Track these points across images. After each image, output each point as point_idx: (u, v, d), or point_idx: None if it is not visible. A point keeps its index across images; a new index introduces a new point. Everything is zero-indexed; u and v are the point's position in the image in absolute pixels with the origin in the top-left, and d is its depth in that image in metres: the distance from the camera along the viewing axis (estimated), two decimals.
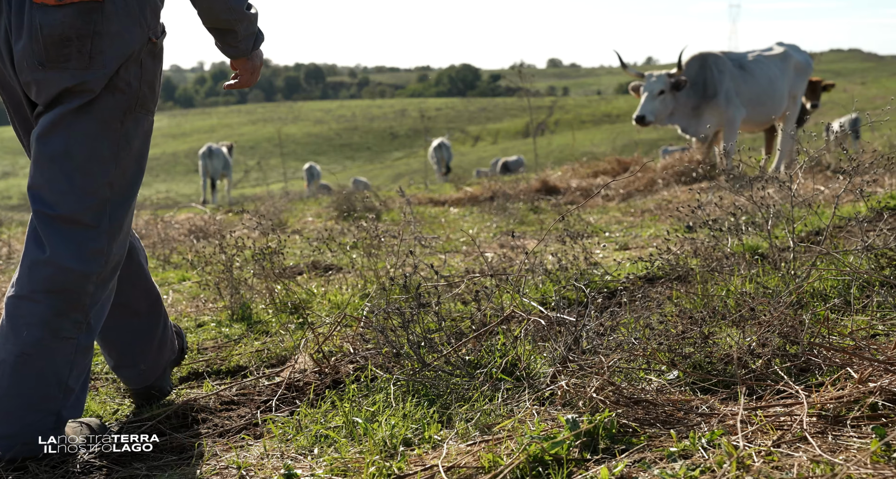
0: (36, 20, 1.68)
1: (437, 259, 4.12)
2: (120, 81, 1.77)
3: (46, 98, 1.75)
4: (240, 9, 1.85)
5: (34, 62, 1.71)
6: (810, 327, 1.83)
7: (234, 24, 1.86)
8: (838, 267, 2.50)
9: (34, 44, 1.70)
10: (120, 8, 1.74)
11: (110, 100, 1.77)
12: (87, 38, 1.71)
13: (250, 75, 2.00)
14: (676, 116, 7.59)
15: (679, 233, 4.43)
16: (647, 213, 5.81)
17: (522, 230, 5.31)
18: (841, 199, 5.02)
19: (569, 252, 3.64)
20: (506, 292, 2.58)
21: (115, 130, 1.78)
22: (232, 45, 1.92)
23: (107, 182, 1.79)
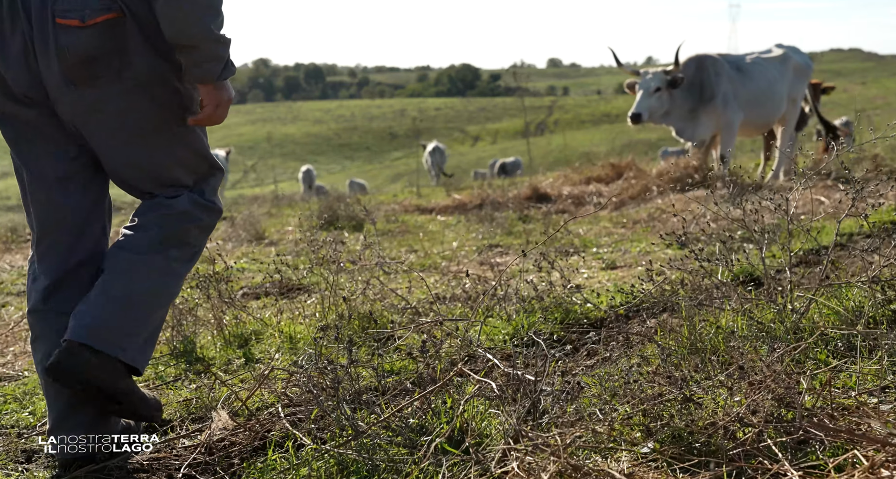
0: (61, 41, 1.69)
1: (408, 280, 3.86)
2: (164, 91, 1.79)
3: (84, 115, 1.74)
4: (206, 25, 1.72)
5: (62, 82, 1.71)
6: (809, 387, 1.57)
7: (200, 41, 1.73)
8: (841, 302, 2.24)
9: (62, 64, 1.70)
10: (142, 23, 1.73)
11: (159, 111, 1.79)
12: (115, 54, 1.71)
13: (215, 108, 1.83)
14: (672, 117, 7.33)
15: (671, 249, 4.17)
16: (640, 224, 5.55)
17: (507, 243, 5.05)
18: (842, 211, 4.76)
19: (548, 276, 3.38)
20: (465, 332, 2.32)
21: (167, 138, 1.82)
22: (194, 66, 1.76)
23: (192, 171, 1.89)
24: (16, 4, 1.71)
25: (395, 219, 6.94)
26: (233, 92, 1.87)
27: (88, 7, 1.69)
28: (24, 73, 1.73)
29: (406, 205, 7.63)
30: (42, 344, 1.82)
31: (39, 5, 1.70)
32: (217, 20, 1.74)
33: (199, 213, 1.90)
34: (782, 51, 7.84)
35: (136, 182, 1.88)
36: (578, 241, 4.91)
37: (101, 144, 1.81)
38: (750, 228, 3.94)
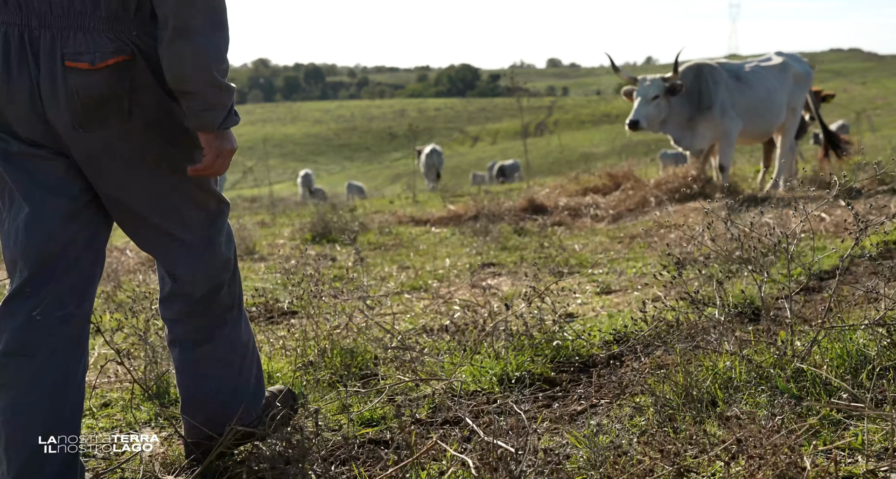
0: (71, 83, 1.67)
1: (399, 302, 3.75)
2: (176, 129, 1.77)
3: (93, 155, 1.73)
4: (209, 71, 1.67)
5: (71, 125, 1.69)
6: (813, 463, 1.46)
7: (203, 88, 1.68)
8: (845, 345, 2.13)
9: (71, 106, 1.68)
10: (152, 62, 1.71)
11: (171, 149, 1.77)
12: (125, 95, 1.70)
13: (215, 158, 1.76)
14: (669, 125, 7.21)
15: (669, 270, 4.06)
16: (637, 239, 5.43)
17: (501, 261, 4.93)
18: (844, 230, 4.65)
19: (540, 302, 3.27)
20: (451, 374, 2.20)
21: (184, 171, 1.80)
22: (196, 113, 1.72)
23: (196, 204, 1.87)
24: (24, 46, 1.69)
25: (389, 231, 6.82)
26: (235, 142, 1.80)
27: (99, 50, 1.67)
28: (29, 116, 1.71)
29: (401, 215, 7.52)
30: (8, 392, 1.72)
31: (48, 47, 1.68)
32: (221, 67, 1.70)
33: (221, 282, 1.93)
34: (782, 59, 7.72)
35: (145, 227, 1.84)
36: (574, 259, 4.79)
37: (111, 185, 1.78)
38: (748, 252, 3.83)
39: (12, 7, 1.69)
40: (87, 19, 1.67)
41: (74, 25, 1.67)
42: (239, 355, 1.96)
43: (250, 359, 2.00)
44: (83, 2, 1.67)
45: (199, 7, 1.65)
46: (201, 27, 1.65)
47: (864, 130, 35.93)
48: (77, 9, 1.67)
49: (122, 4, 1.69)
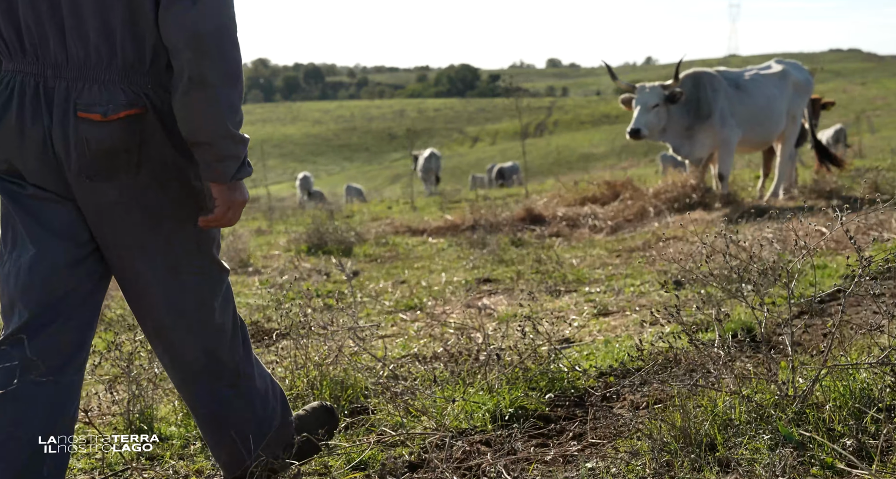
0: (83, 134, 1.67)
1: (392, 322, 3.69)
2: (179, 184, 1.76)
3: (100, 208, 1.73)
4: (223, 123, 1.68)
5: (80, 175, 1.70)
6: None
7: (216, 139, 1.68)
8: (848, 383, 2.07)
9: (81, 157, 1.68)
10: (164, 116, 1.72)
11: (177, 203, 1.77)
12: (135, 148, 1.70)
13: (226, 210, 1.76)
14: (669, 134, 7.15)
15: (667, 289, 4.00)
16: (636, 252, 5.37)
17: (498, 276, 4.87)
18: (844, 245, 4.58)
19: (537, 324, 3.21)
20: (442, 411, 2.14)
21: (190, 230, 1.80)
22: (208, 164, 1.71)
23: (196, 266, 1.85)
24: (38, 95, 1.70)
25: (386, 241, 6.76)
26: (247, 194, 1.79)
27: (112, 102, 1.68)
28: (41, 165, 1.72)
29: (397, 225, 7.45)
30: None
31: (62, 97, 1.69)
32: (235, 118, 1.70)
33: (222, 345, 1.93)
34: (782, 67, 7.66)
35: (140, 284, 1.82)
36: (571, 274, 4.73)
37: (114, 237, 1.77)
38: (747, 273, 3.76)
39: (30, 57, 1.70)
40: (102, 71, 1.68)
41: (89, 77, 1.68)
42: (258, 404, 1.96)
43: (271, 399, 1.99)
44: (99, 53, 1.68)
45: (215, 60, 1.65)
46: (216, 79, 1.65)
47: (864, 131, 35.83)
48: (93, 60, 1.68)
49: (138, 56, 1.70)
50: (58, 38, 1.68)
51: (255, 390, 1.95)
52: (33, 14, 1.67)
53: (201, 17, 1.63)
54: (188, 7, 1.63)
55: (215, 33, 1.64)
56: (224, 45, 1.65)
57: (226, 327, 1.91)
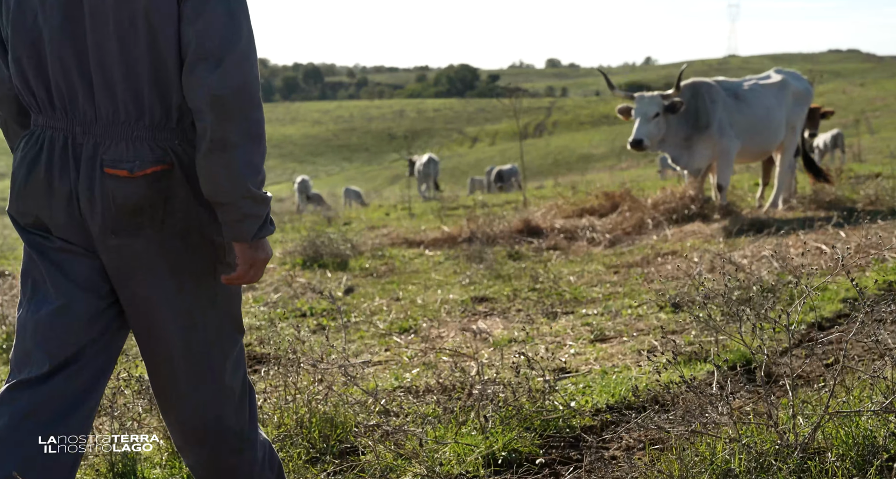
0: (108, 190, 1.69)
1: (382, 348, 3.63)
2: (200, 239, 1.76)
3: (122, 263, 1.74)
4: (244, 183, 1.68)
5: (104, 230, 1.71)
6: None
7: (237, 199, 1.69)
8: (851, 431, 2.01)
9: (107, 212, 1.70)
10: (189, 172, 1.73)
11: (196, 259, 1.77)
12: (160, 205, 1.71)
13: (248, 268, 1.76)
14: (667, 144, 7.10)
15: (665, 311, 3.95)
16: (634, 268, 5.32)
17: (494, 294, 4.82)
18: (845, 265, 4.53)
19: (533, 350, 3.15)
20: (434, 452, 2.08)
21: (209, 285, 1.80)
22: (231, 225, 1.72)
23: (214, 327, 1.82)
24: (67, 151, 1.72)
25: (382, 254, 6.71)
26: (270, 251, 1.79)
27: (139, 158, 1.69)
28: (67, 219, 1.74)
29: (394, 237, 7.40)
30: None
31: (90, 154, 1.71)
32: (257, 179, 1.70)
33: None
34: (781, 77, 7.61)
35: (153, 339, 1.81)
36: (568, 292, 4.68)
37: (134, 292, 1.78)
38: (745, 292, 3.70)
39: (59, 113, 1.73)
40: (130, 128, 1.70)
41: (117, 134, 1.70)
42: (256, 472, 1.92)
43: (267, 470, 1.95)
44: (127, 111, 1.70)
45: (237, 121, 1.66)
46: (238, 140, 1.67)
47: (863, 132, 35.80)
48: (121, 118, 1.70)
49: (166, 113, 1.71)
50: (86, 95, 1.71)
51: (255, 458, 1.91)
52: (62, 71, 1.70)
53: (223, 80, 1.64)
54: (211, 70, 1.64)
55: (237, 95, 1.65)
56: (245, 107, 1.67)
57: (235, 389, 1.88)
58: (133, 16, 1.66)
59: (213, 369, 1.84)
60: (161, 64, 1.68)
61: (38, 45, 1.71)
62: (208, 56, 1.65)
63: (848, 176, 9.95)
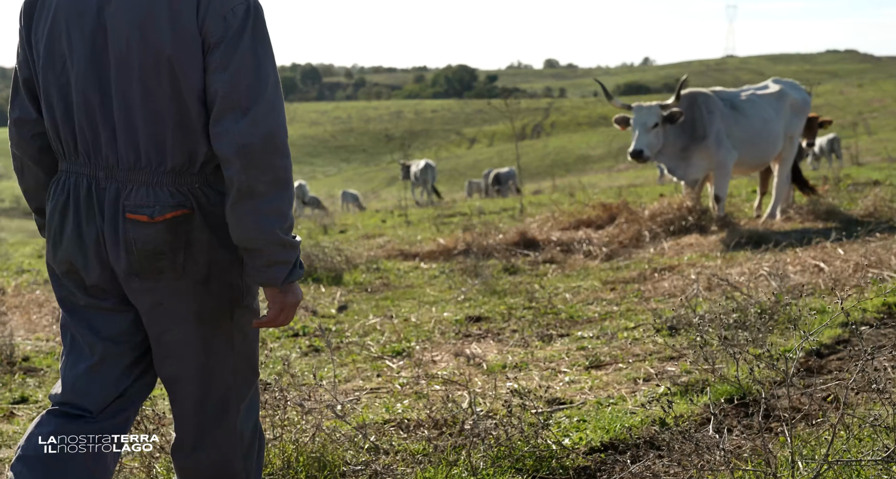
0: (130, 234, 1.72)
1: (374, 372, 3.57)
2: (220, 283, 1.78)
3: (146, 307, 1.78)
4: (272, 230, 1.70)
5: (128, 273, 1.74)
6: None
7: (266, 246, 1.71)
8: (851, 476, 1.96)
9: (129, 256, 1.73)
10: (209, 216, 1.75)
11: (215, 303, 1.79)
12: (180, 249, 1.73)
13: (279, 311, 1.78)
14: (664, 155, 7.05)
15: (661, 335, 3.90)
16: (630, 284, 5.26)
17: (489, 312, 4.76)
18: (843, 282, 4.48)
19: (527, 376, 3.10)
20: None
21: (226, 328, 1.81)
22: (260, 270, 1.74)
23: (229, 370, 1.85)
24: (91, 196, 1.75)
25: (377, 267, 6.65)
26: (300, 294, 1.80)
27: (159, 203, 1.72)
28: (96, 265, 1.77)
29: (389, 249, 7.34)
30: None
31: (113, 199, 1.74)
32: (285, 226, 1.73)
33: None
34: (779, 87, 7.56)
35: (173, 380, 1.85)
36: (564, 311, 4.63)
37: (159, 333, 1.81)
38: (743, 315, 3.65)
39: (83, 158, 1.76)
40: (151, 174, 1.72)
41: (138, 179, 1.72)
42: None
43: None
44: (149, 156, 1.72)
45: (264, 170, 1.68)
46: (266, 189, 1.69)
47: (861, 134, 35.76)
48: (143, 163, 1.72)
49: (189, 158, 1.73)
50: (110, 141, 1.73)
51: None
52: (87, 117, 1.73)
53: (250, 130, 1.67)
54: (238, 119, 1.67)
55: (264, 144, 1.68)
56: (272, 156, 1.69)
57: (245, 434, 1.89)
58: (157, 64, 1.68)
59: (226, 413, 1.86)
60: (184, 111, 1.70)
61: (66, 92, 1.74)
62: (235, 106, 1.67)
63: (846, 183, 9.91)
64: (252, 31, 1.70)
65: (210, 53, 1.68)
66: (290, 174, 1.73)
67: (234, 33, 1.68)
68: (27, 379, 3.82)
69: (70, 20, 1.72)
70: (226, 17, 1.68)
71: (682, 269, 5.48)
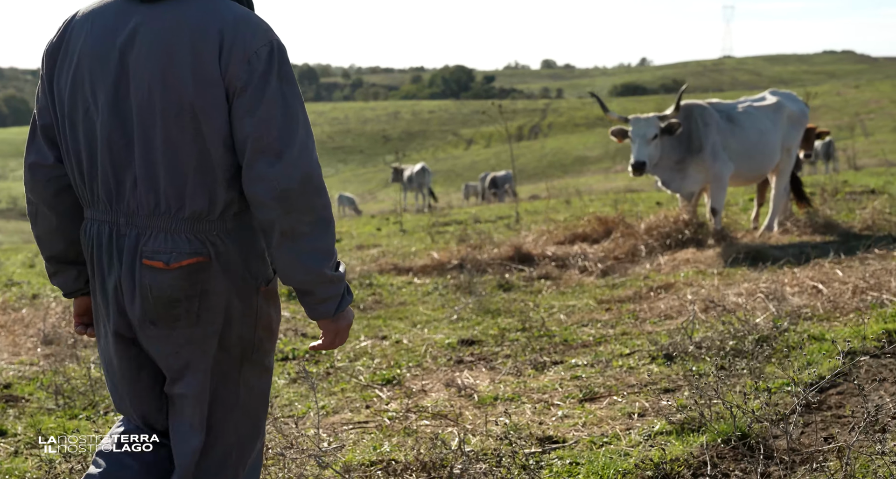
0: (146, 281, 1.72)
1: (363, 402, 3.48)
2: (232, 334, 1.78)
3: (160, 355, 1.79)
4: (319, 271, 1.71)
5: (147, 321, 1.75)
6: None
7: (314, 286, 1.73)
8: None
9: (144, 303, 1.74)
10: (225, 265, 1.74)
11: (225, 355, 1.78)
12: (195, 298, 1.73)
13: (334, 337, 1.82)
14: (659, 167, 6.97)
15: (657, 362, 3.82)
16: (626, 304, 5.18)
17: (483, 335, 4.68)
18: (842, 306, 4.40)
19: (520, 408, 3.01)
20: None
21: (233, 381, 1.81)
22: (311, 307, 1.78)
23: (232, 424, 1.83)
24: (112, 243, 1.76)
25: (370, 282, 6.56)
26: (351, 315, 1.83)
27: (176, 250, 1.72)
28: (116, 310, 1.78)
29: (383, 263, 7.25)
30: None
31: (132, 246, 1.74)
32: (330, 262, 1.73)
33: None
34: (776, 99, 7.49)
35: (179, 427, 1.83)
36: (559, 334, 4.54)
37: (170, 384, 1.82)
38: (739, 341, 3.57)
39: (104, 205, 1.76)
40: (169, 220, 1.72)
41: (157, 225, 1.72)
42: None
43: None
44: (168, 202, 1.71)
45: (305, 211, 1.68)
46: (309, 230, 1.69)
47: (858, 135, 35.69)
48: (162, 209, 1.72)
49: (209, 204, 1.72)
50: (131, 187, 1.72)
51: None
52: (110, 163, 1.72)
53: (287, 174, 1.65)
54: (272, 164, 1.65)
55: (301, 186, 1.67)
56: (311, 196, 1.68)
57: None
58: (179, 110, 1.67)
59: (224, 474, 1.83)
60: (205, 156, 1.69)
61: (91, 139, 1.73)
62: (267, 150, 1.65)
63: (843, 192, 9.84)
64: (278, 74, 1.68)
65: (237, 99, 1.67)
66: (330, 212, 1.72)
67: (259, 77, 1.66)
68: (7, 409, 3.72)
69: (93, 67, 1.71)
70: (250, 61, 1.66)
71: (678, 287, 5.40)
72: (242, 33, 1.67)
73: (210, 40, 1.66)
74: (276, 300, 1.87)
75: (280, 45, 1.71)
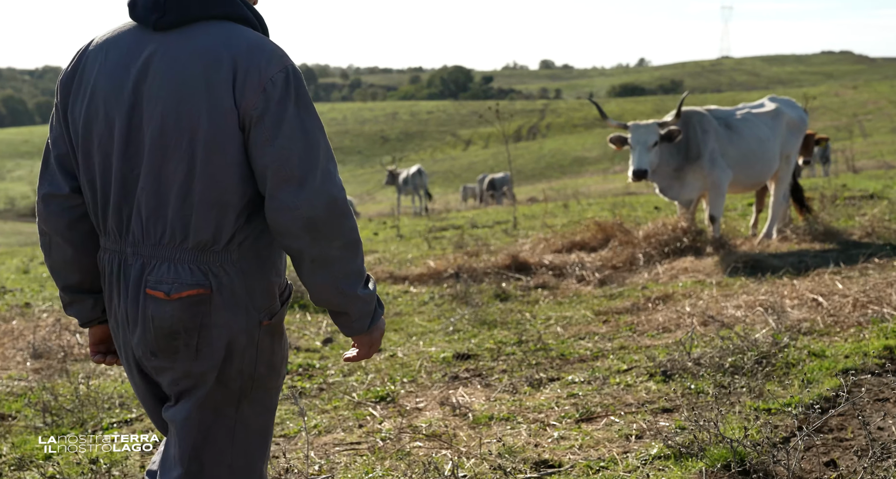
0: (149, 311, 1.72)
1: (356, 421, 3.42)
2: (231, 369, 1.75)
3: (165, 384, 1.78)
4: (352, 292, 1.72)
5: (147, 351, 1.75)
6: None
7: (347, 307, 1.74)
8: None
9: (145, 334, 1.73)
10: (227, 298, 1.72)
11: (222, 390, 1.76)
12: (195, 331, 1.71)
13: (368, 349, 1.84)
14: (657, 175, 6.91)
15: (654, 380, 3.75)
16: (623, 316, 5.12)
17: (478, 348, 4.61)
18: (843, 320, 4.34)
19: (517, 430, 2.94)
20: None
21: (229, 417, 1.77)
22: (346, 326, 1.78)
23: (226, 465, 1.79)
24: (120, 272, 1.76)
25: None
26: (383, 325, 1.84)
27: (178, 280, 1.70)
28: (124, 340, 1.79)
29: (379, 272, 7.18)
30: None
31: (137, 274, 1.73)
32: (361, 282, 1.74)
33: None
34: (775, 105, 7.43)
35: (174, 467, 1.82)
36: (555, 348, 4.48)
37: (166, 408, 1.81)
38: (737, 357, 3.51)
39: (114, 235, 1.76)
40: (173, 250, 1.71)
41: (162, 255, 1.71)
42: None
43: None
44: (174, 232, 1.70)
45: (332, 237, 1.67)
46: (339, 254, 1.69)
47: (856, 136, 35.63)
48: (167, 239, 1.71)
49: (215, 234, 1.70)
50: (138, 217, 1.72)
51: None
52: (122, 193, 1.72)
53: (310, 201, 1.64)
54: (296, 193, 1.63)
55: (328, 213, 1.66)
56: (338, 221, 1.67)
57: None
58: (192, 140, 1.65)
59: None
60: (216, 188, 1.67)
61: (105, 170, 1.72)
62: (290, 178, 1.63)
63: (843, 198, 9.78)
64: (295, 100, 1.66)
65: (254, 128, 1.64)
66: (357, 233, 1.71)
67: (275, 104, 1.64)
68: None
69: (108, 98, 1.70)
70: (265, 89, 1.64)
71: (676, 299, 5.34)
72: (257, 61, 1.64)
73: (223, 69, 1.64)
74: (280, 336, 1.82)
75: (295, 71, 1.68)
